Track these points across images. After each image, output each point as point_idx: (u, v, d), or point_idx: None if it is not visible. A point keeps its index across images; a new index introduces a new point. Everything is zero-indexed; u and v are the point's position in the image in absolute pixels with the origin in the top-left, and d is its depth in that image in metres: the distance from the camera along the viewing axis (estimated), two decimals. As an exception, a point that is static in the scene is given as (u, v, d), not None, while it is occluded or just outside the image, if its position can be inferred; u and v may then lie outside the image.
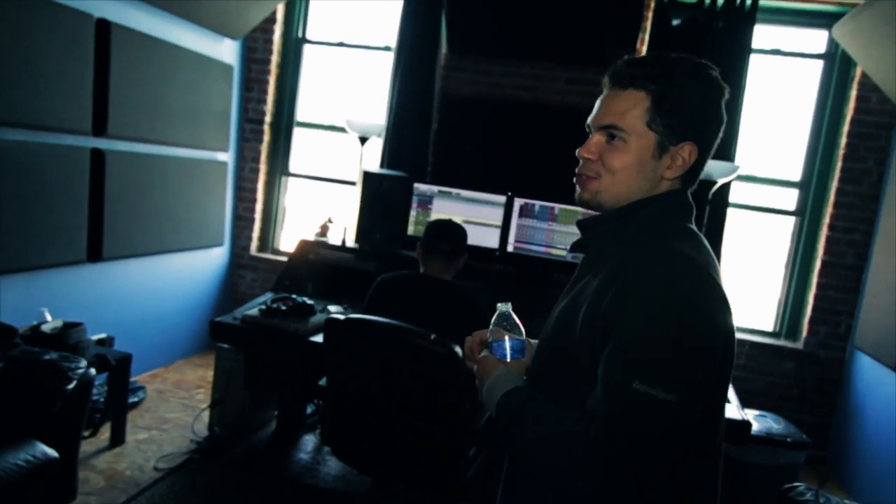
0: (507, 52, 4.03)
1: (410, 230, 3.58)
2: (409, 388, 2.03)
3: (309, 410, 3.54)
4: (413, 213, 3.57)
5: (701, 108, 1.04)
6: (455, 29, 4.04)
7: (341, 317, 1.98)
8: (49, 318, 2.94)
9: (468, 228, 2.62)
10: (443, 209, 3.53)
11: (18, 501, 2.11)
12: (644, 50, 3.85)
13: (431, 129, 4.10)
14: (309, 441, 3.42)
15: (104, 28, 3.20)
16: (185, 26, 3.83)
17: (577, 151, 1.09)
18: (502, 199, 3.46)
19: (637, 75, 1.03)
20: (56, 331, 2.80)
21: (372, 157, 4.21)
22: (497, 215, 3.47)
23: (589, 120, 1.09)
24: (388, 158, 4.11)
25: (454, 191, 3.54)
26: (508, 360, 1.11)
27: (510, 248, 3.46)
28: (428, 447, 2.07)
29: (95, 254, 3.38)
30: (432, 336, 1.91)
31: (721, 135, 1.08)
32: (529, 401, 1.02)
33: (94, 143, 3.28)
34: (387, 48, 4.36)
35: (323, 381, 2.52)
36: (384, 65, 4.32)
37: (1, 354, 2.32)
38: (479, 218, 3.49)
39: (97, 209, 3.32)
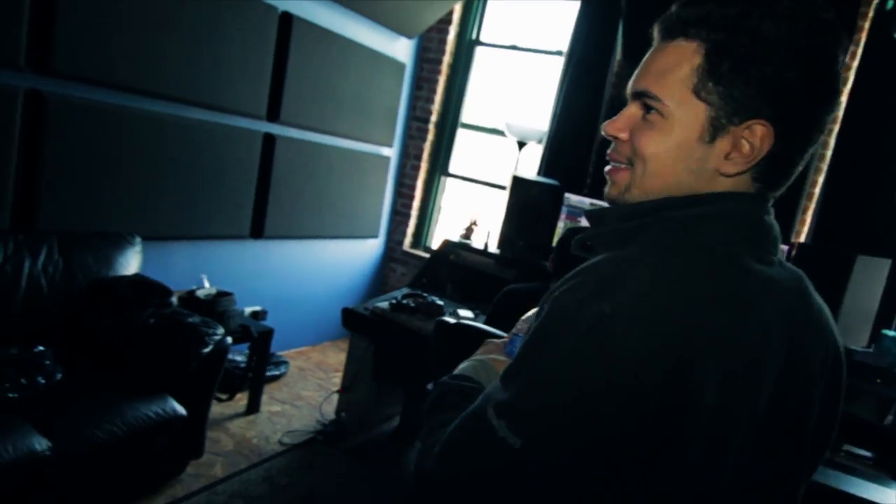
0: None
1: (555, 241, 3.39)
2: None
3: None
4: (561, 223, 3.39)
5: (785, 68, 0.67)
6: (632, 35, 3.78)
7: (452, 321, 1.88)
8: (207, 284, 3.18)
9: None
10: (594, 223, 3.30)
11: (147, 450, 2.27)
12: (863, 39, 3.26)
13: (596, 138, 3.87)
14: (427, 443, 3.37)
15: (286, 21, 3.40)
16: (362, 23, 3.97)
17: (602, 126, 0.80)
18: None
19: (690, 18, 0.71)
20: (209, 297, 3.02)
21: (529, 163, 4.07)
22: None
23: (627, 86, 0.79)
24: (545, 166, 3.95)
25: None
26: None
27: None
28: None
29: (258, 231, 3.60)
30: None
31: (830, 113, 0.72)
32: (452, 392, 0.82)
33: (267, 128, 3.50)
34: (558, 53, 4.20)
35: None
36: (553, 70, 4.17)
37: (154, 311, 2.52)
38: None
39: (264, 190, 3.54)
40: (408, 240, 4.83)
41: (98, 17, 2.55)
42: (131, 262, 2.76)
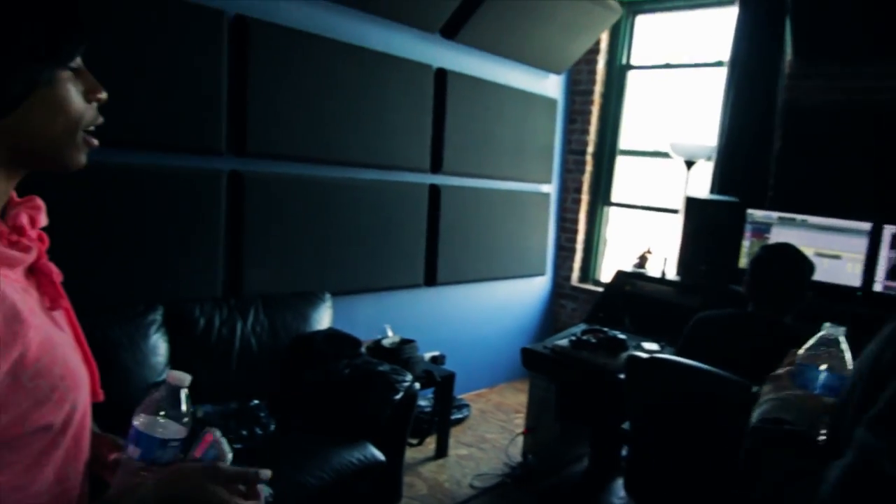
0: (873, 52, 3.31)
1: (743, 262, 3.15)
2: (724, 446, 1.72)
3: (624, 453, 3.34)
4: (746, 242, 3.14)
5: None
6: (803, 31, 3.48)
7: (645, 355, 1.79)
8: (390, 333, 3.34)
9: (818, 261, 2.17)
10: (784, 238, 3.02)
11: (351, 496, 2.39)
12: None
13: (773, 147, 3.58)
14: (622, 487, 3.21)
15: (441, 77, 3.56)
16: (511, 66, 4.06)
17: None
18: (867, 226, 2.82)
19: None
20: (393, 345, 3.16)
21: (699, 183, 3.85)
22: (859, 246, 2.84)
23: None
24: (718, 183, 3.71)
25: (800, 217, 3.01)
26: (814, 391, 0.84)
27: (878, 288, 2.79)
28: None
29: (431, 278, 3.74)
30: (754, 388, 1.59)
31: None
32: (776, 439, 0.80)
33: (432, 180, 3.66)
34: (718, 63, 3.98)
35: (627, 425, 2.33)
36: (714, 82, 3.95)
37: (348, 362, 2.68)
38: (833, 249, 2.90)
39: (433, 238, 3.68)
40: (575, 274, 4.75)
41: (279, 105, 2.85)
42: (324, 317, 2.98)
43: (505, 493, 3.06)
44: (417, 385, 2.69)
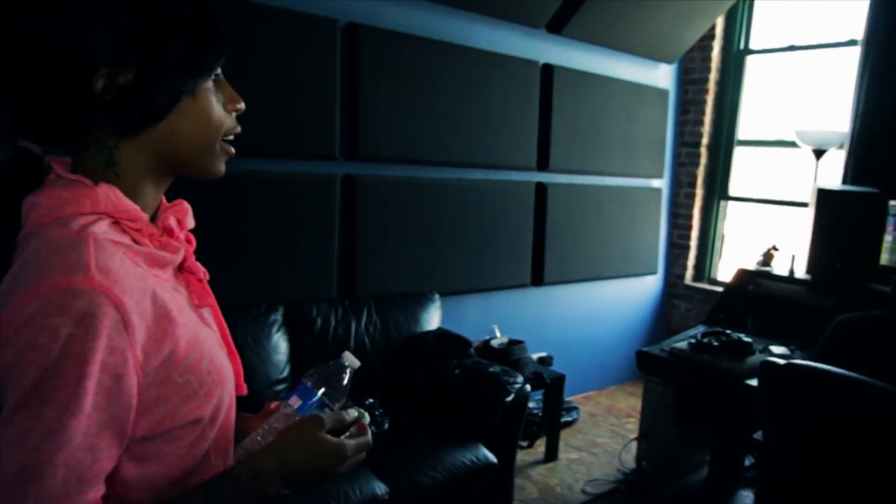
0: None
1: (884, 259, 2.87)
2: (871, 463, 1.56)
3: (747, 463, 3.14)
4: (888, 237, 2.86)
5: None
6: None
7: (781, 361, 1.66)
8: (498, 334, 3.31)
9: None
10: (935, 232, 2.73)
11: (464, 496, 2.38)
12: None
13: (917, 131, 3.24)
14: (746, 498, 3.02)
15: (548, 72, 3.50)
16: (619, 58, 3.92)
17: None
18: None
19: None
20: (502, 346, 3.13)
21: (830, 173, 3.56)
22: None
23: None
24: (852, 172, 3.41)
25: (953, 208, 2.70)
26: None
27: None
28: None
29: (538, 278, 3.68)
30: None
31: None
32: None
33: (538, 178, 3.60)
34: (851, 42, 3.66)
35: (759, 434, 2.18)
36: (846, 62, 3.63)
37: (458, 363, 2.69)
38: None
39: (540, 237, 3.63)
40: (689, 273, 4.52)
41: (388, 109, 2.90)
42: (433, 317, 3.00)
43: (618, 501, 2.96)
44: (528, 387, 2.65)
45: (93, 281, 0.60)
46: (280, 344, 2.52)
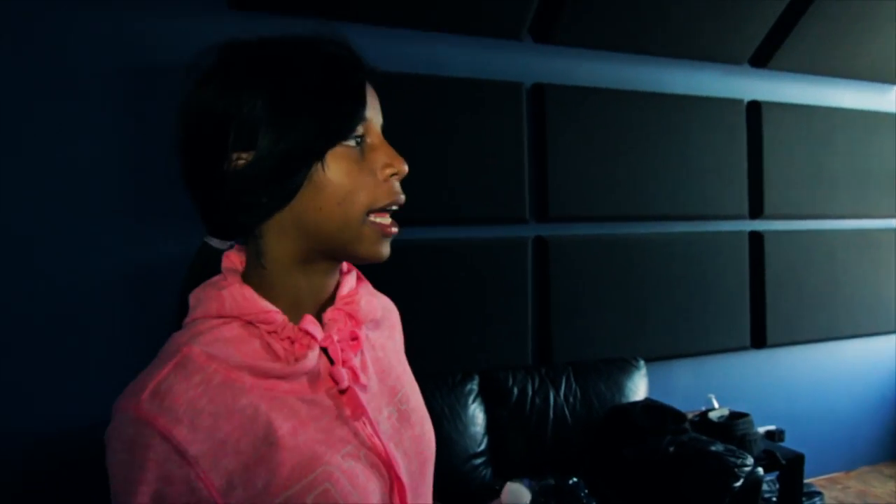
0: None
1: None
2: None
3: None
4: None
5: None
6: None
7: None
8: (716, 404, 2.93)
9: None
10: None
11: None
12: None
13: None
14: None
15: (755, 109, 3.16)
16: (838, 85, 3.46)
17: None
18: None
19: None
20: (722, 419, 2.75)
21: None
22: None
23: None
24: None
25: None
26: None
27: None
28: None
29: (759, 340, 3.25)
30: None
31: None
32: None
33: (752, 226, 3.22)
34: None
35: None
36: None
37: (672, 438, 2.39)
38: None
39: (758, 293, 3.21)
40: (954, 329, 3.72)
41: (577, 166, 2.79)
42: (639, 386, 2.74)
43: None
44: (761, 470, 2.26)
45: (140, 409, 0.56)
46: (477, 415, 2.43)
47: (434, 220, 2.56)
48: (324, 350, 0.67)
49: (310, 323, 0.66)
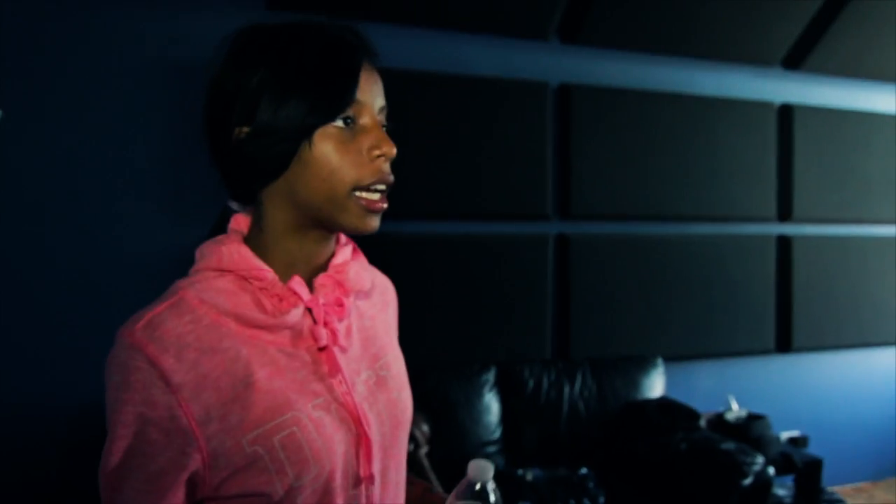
0: None
1: None
2: None
3: None
4: None
5: None
6: None
7: None
8: (735, 406, 2.94)
9: None
10: None
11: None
12: None
13: None
14: None
15: (786, 113, 3.14)
16: (875, 89, 3.41)
17: None
18: None
19: None
20: (739, 421, 2.77)
21: None
22: None
23: None
24: None
25: None
26: None
27: None
28: None
29: (784, 344, 3.22)
30: None
31: None
32: None
33: (780, 230, 3.20)
34: None
35: None
36: None
37: (684, 436, 2.42)
38: None
39: (785, 297, 3.19)
40: None
41: (602, 165, 2.83)
42: (656, 385, 2.77)
43: None
44: (772, 470, 2.28)
45: (133, 336, 0.63)
46: (492, 405, 2.51)
47: (459, 216, 2.64)
48: (310, 311, 0.74)
49: (297, 283, 0.73)
